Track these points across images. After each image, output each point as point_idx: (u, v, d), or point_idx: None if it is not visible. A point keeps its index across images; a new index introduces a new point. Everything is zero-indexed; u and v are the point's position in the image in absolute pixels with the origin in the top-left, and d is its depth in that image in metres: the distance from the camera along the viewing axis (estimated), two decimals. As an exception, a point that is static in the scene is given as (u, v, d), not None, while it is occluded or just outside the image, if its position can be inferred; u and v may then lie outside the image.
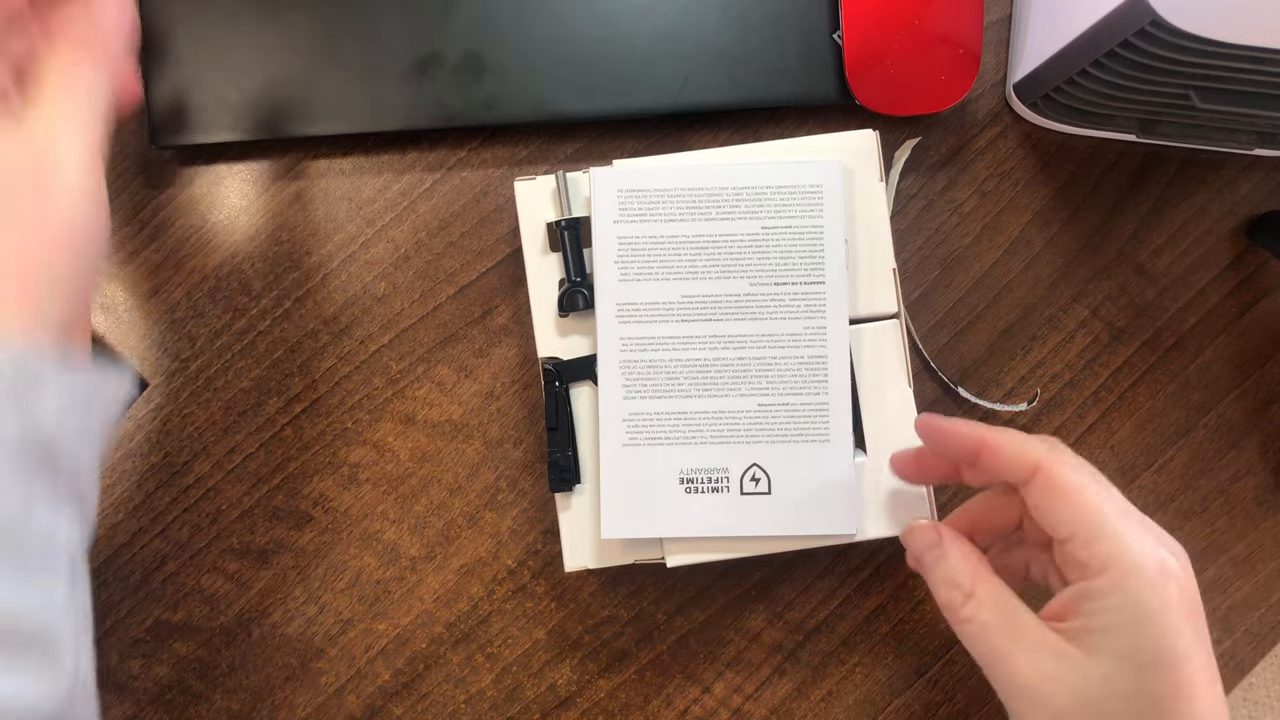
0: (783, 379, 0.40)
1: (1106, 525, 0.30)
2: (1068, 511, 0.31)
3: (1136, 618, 0.29)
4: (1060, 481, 0.31)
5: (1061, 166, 0.46)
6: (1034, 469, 0.32)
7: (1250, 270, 0.46)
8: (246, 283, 0.45)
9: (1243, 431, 0.46)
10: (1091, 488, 0.31)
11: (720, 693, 0.45)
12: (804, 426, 0.40)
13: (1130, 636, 0.29)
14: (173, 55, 0.43)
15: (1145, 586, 0.29)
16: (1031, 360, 0.46)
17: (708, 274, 0.40)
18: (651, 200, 0.40)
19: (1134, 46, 0.36)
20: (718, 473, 0.40)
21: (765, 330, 0.40)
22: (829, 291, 0.40)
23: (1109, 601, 0.30)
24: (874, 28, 0.43)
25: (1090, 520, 0.30)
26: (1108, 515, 0.30)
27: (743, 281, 0.40)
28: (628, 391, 0.40)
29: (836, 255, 0.40)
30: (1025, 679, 0.30)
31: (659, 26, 0.44)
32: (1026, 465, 0.32)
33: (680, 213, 0.40)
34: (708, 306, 0.40)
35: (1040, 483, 0.32)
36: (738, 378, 0.40)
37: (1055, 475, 0.31)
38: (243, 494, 0.44)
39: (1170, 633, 0.29)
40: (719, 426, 0.40)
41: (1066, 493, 0.31)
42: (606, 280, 0.40)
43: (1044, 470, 0.32)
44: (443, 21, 0.44)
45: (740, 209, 0.40)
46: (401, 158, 0.45)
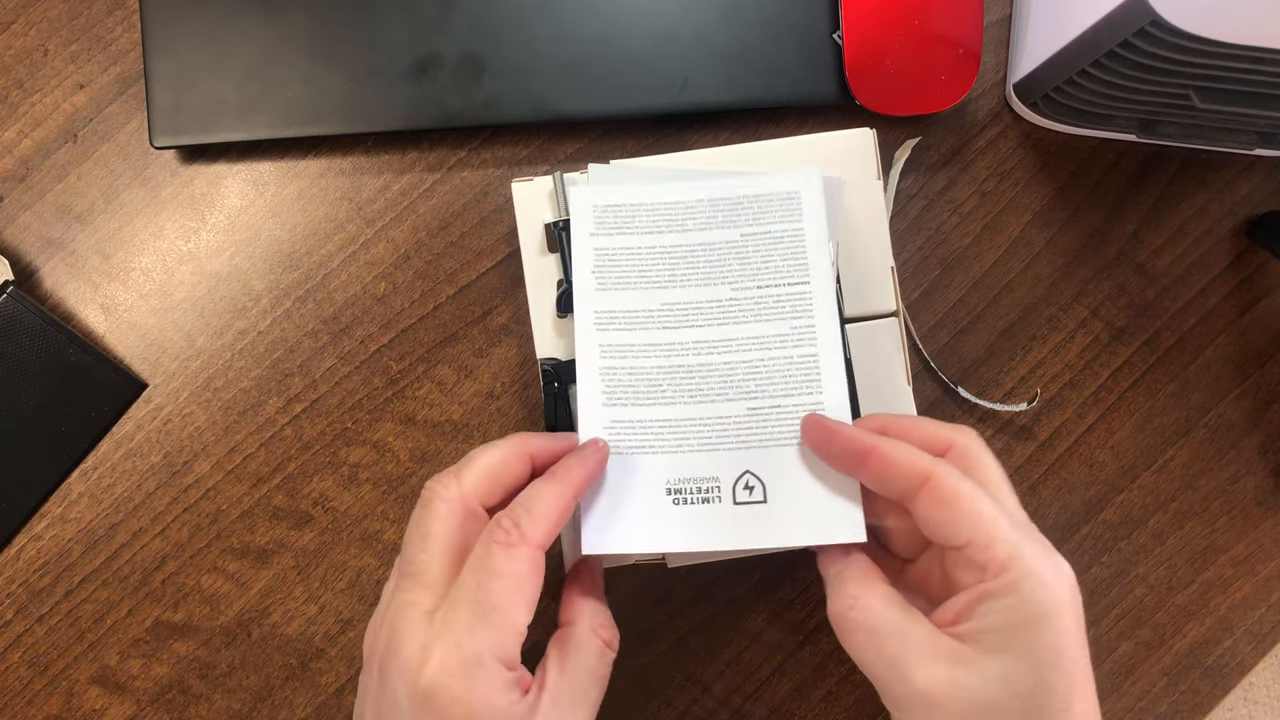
0: (772, 381, 0.38)
1: (1002, 530, 0.30)
2: (960, 519, 0.30)
3: (1035, 616, 0.29)
4: (949, 490, 0.31)
5: (1061, 166, 0.46)
6: (923, 480, 0.31)
7: (1250, 270, 0.46)
8: (246, 283, 0.45)
9: (1243, 431, 0.46)
10: (981, 494, 0.31)
11: (720, 693, 0.45)
12: (799, 429, 0.37)
13: (1029, 635, 0.29)
14: (173, 55, 0.43)
15: (1043, 586, 0.29)
16: (1031, 360, 0.46)
17: (688, 281, 0.39)
18: (627, 214, 0.40)
19: (1134, 46, 0.36)
20: (708, 482, 0.37)
21: (751, 333, 0.39)
22: (815, 292, 0.39)
23: (1008, 600, 0.29)
24: (874, 28, 0.43)
25: (987, 525, 0.30)
26: (1002, 520, 0.30)
27: (724, 287, 0.39)
28: (608, 399, 0.38)
29: (821, 256, 0.39)
30: (920, 685, 0.30)
31: (659, 26, 0.44)
32: (915, 476, 0.31)
33: (657, 225, 0.40)
34: (689, 313, 0.39)
35: (929, 494, 0.31)
36: (725, 382, 0.38)
37: (944, 484, 0.31)
38: (243, 494, 0.44)
39: (1067, 630, 0.29)
40: (707, 433, 0.38)
41: (958, 500, 0.30)
42: (584, 289, 0.39)
43: (933, 481, 0.31)
44: (443, 22, 0.44)
45: (718, 219, 0.40)
46: (401, 158, 0.45)
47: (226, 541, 0.44)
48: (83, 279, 0.45)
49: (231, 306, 0.45)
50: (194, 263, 0.45)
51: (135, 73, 0.45)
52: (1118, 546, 0.46)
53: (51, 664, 0.44)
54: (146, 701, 0.44)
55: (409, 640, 0.31)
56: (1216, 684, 0.46)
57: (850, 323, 0.41)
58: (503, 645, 0.31)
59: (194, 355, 0.45)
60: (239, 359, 0.45)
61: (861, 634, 0.31)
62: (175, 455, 0.44)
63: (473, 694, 0.30)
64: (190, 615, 0.44)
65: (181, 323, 0.45)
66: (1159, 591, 0.46)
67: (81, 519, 0.44)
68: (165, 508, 0.44)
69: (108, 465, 0.44)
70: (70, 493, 0.44)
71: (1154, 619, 0.46)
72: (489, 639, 0.30)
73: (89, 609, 0.44)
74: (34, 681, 0.44)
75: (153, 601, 0.44)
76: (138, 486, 0.44)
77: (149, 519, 0.44)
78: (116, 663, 0.44)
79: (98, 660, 0.44)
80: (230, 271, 0.45)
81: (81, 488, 0.44)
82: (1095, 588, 0.46)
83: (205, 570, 0.44)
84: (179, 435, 0.44)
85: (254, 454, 0.44)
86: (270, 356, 0.45)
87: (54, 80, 0.45)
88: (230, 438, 0.45)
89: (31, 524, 0.44)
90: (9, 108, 0.45)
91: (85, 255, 0.45)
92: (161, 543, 0.44)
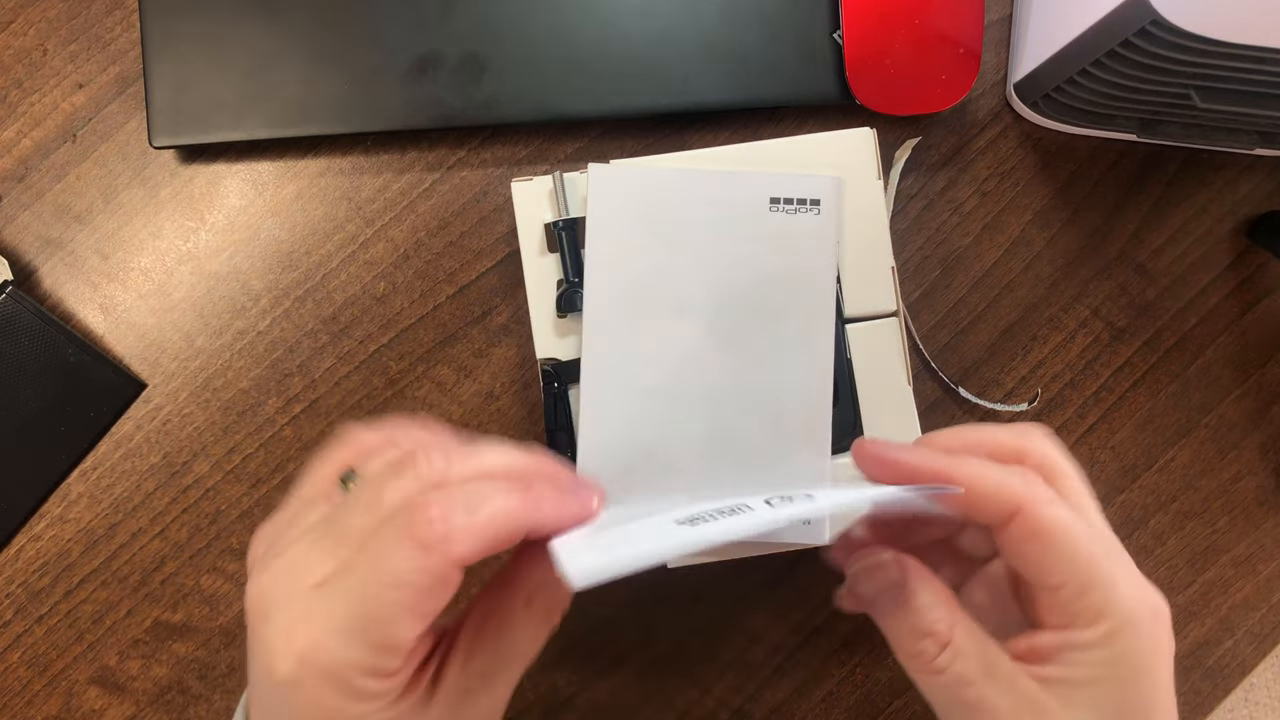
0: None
1: (1101, 572, 0.27)
2: (1059, 560, 0.27)
3: (1127, 674, 0.27)
4: (1048, 526, 0.27)
5: (1062, 166, 0.46)
6: (1013, 511, 0.28)
7: (1251, 270, 0.46)
8: (245, 282, 0.45)
9: (1243, 431, 0.46)
10: (1078, 527, 0.28)
11: (720, 693, 0.45)
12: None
13: (1118, 693, 0.27)
14: (173, 55, 0.43)
15: (1139, 637, 0.27)
16: (1032, 360, 0.46)
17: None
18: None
19: (1134, 46, 0.36)
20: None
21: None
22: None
23: (1099, 654, 0.27)
24: (874, 27, 0.43)
25: (1085, 568, 0.27)
26: (1100, 560, 0.27)
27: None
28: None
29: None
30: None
31: (659, 26, 0.44)
32: (1004, 508, 0.28)
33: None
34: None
35: (1023, 527, 0.28)
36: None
37: (1041, 518, 0.27)
38: (242, 494, 0.44)
39: (1158, 686, 0.27)
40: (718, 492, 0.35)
41: (1055, 538, 0.27)
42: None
43: (1026, 513, 0.27)
44: (443, 21, 0.44)
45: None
46: (401, 157, 0.45)
47: (226, 542, 0.44)
48: (82, 279, 0.45)
49: (231, 306, 0.45)
50: (193, 263, 0.45)
51: (134, 72, 0.45)
52: (1118, 547, 0.46)
53: (51, 664, 0.44)
54: (146, 702, 0.44)
55: (280, 613, 0.26)
56: (1217, 685, 0.46)
57: (850, 323, 0.41)
58: (377, 665, 0.25)
59: (193, 355, 0.45)
60: (238, 359, 0.45)
61: (947, 677, 0.28)
62: (174, 455, 0.44)
63: (331, 704, 0.25)
64: (190, 616, 0.44)
65: (181, 323, 0.45)
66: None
67: (81, 519, 0.44)
68: (164, 508, 0.44)
69: (107, 465, 0.44)
70: (69, 493, 0.44)
71: (1155, 619, 0.46)
72: (359, 655, 0.25)
73: (88, 609, 0.44)
74: (33, 682, 0.44)
75: (152, 602, 0.44)
76: (137, 487, 0.44)
77: (148, 519, 0.44)
78: (116, 663, 0.44)
79: (97, 661, 0.44)
80: (229, 271, 0.45)
81: (81, 488, 0.44)
82: (1096, 588, 0.46)
83: (205, 571, 0.44)
84: (178, 435, 0.44)
85: (253, 454, 0.44)
86: (269, 357, 0.45)
87: (53, 80, 0.45)
88: (230, 438, 0.44)
89: (31, 524, 0.44)
90: (8, 107, 0.45)
91: (84, 255, 0.45)
92: (161, 543, 0.44)
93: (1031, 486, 0.28)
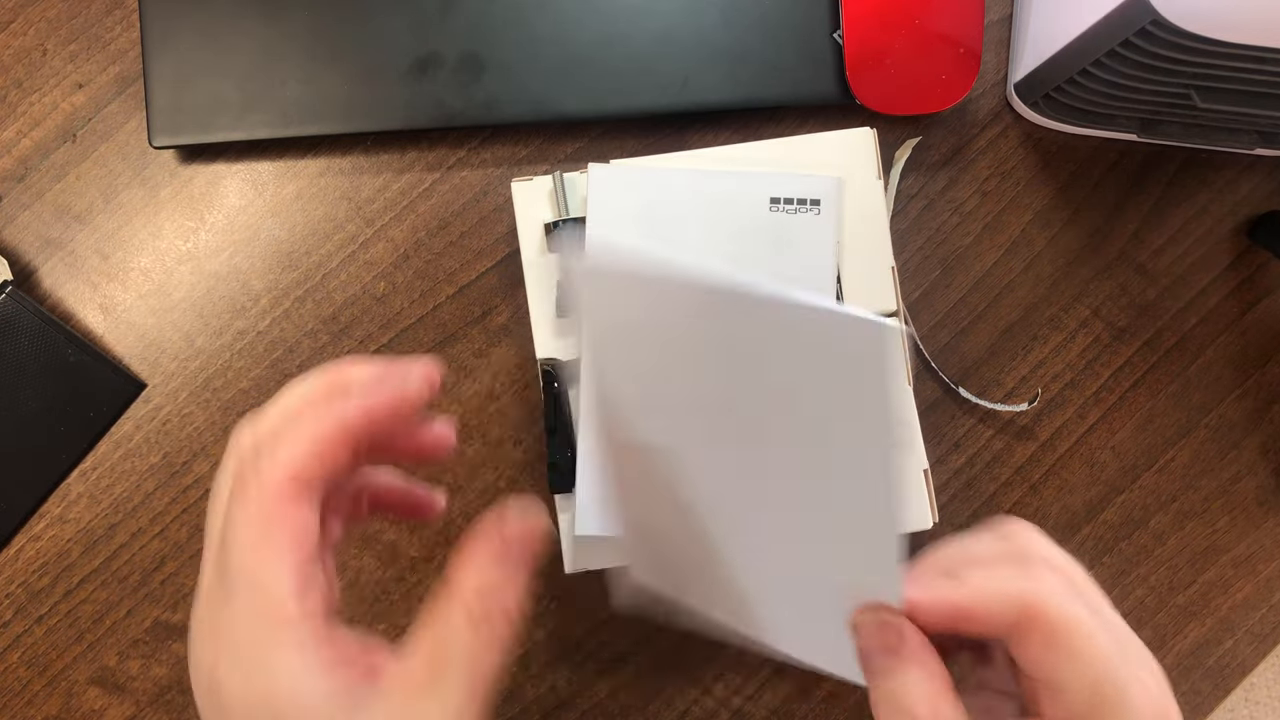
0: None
1: (1116, 682, 0.25)
2: (1073, 666, 0.25)
3: None
4: (1063, 632, 0.25)
5: (1062, 166, 0.46)
6: (1020, 613, 0.26)
7: (1251, 270, 0.46)
8: (245, 282, 0.45)
9: (1244, 431, 0.46)
10: (1096, 631, 0.26)
11: (720, 693, 0.45)
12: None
13: None
14: (173, 55, 0.43)
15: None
16: (1033, 360, 0.46)
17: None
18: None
19: (1135, 46, 0.36)
20: None
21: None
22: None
23: None
24: (874, 27, 0.43)
25: (1099, 676, 0.25)
26: (1118, 670, 0.25)
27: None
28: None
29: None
30: None
31: (659, 26, 0.44)
32: (1011, 614, 0.26)
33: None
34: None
35: (1035, 633, 0.26)
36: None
37: (1055, 623, 0.25)
38: (242, 494, 0.44)
39: None
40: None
41: (1071, 643, 0.25)
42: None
43: (1038, 615, 0.26)
44: (442, 21, 0.44)
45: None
46: (401, 157, 0.45)
47: (226, 542, 0.44)
48: (81, 279, 0.45)
49: (230, 306, 0.45)
50: (193, 262, 0.45)
51: (134, 72, 0.45)
52: (1119, 547, 0.46)
53: (51, 664, 0.44)
54: (146, 702, 0.44)
55: (193, 621, 0.26)
56: (1218, 685, 0.46)
57: (850, 323, 0.41)
58: (273, 627, 0.24)
59: (193, 355, 0.45)
60: (238, 359, 0.45)
61: None
62: (174, 455, 0.44)
63: (263, 691, 0.24)
64: (189, 616, 0.44)
65: (180, 323, 0.45)
66: (1160, 592, 0.46)
67: (80, 519, 0.44)
68: (164, 508, 0.44)
69: (107, 465, 0.44)
70: (69, 493, 0.44)
71: (1155, 619, 0.46)
72: (251, 624, 0.24)
73: (88, 609, 0.44)
74: (33, 682, 0.44)
75: (152, 602, 0.44)
76: (137, 487, 0.44)
77: (148, 519, 0.44)
78: (116, 663, 0.44)
79: (97, 661, 0.44)
80: (229, 271, 0.45)
81: (80, 488, 0.44)
82: (1096, 588, 0.46)
83: (204, 571, 0.44)
84: (178, 435, 0.44)
85: (253, 454, 0.44)
86: (269, 357, 0.45)
87: (53, 80, 0.45)
88: (229, 438, 0.44)
89: (30, 524, 0.44)
90: (8, 107, 0.45)
91: (84, 255, 0.45)
92: (161, 543, 0.44)
93: (1038, 579, 0.26)
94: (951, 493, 0.45)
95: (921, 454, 0.41)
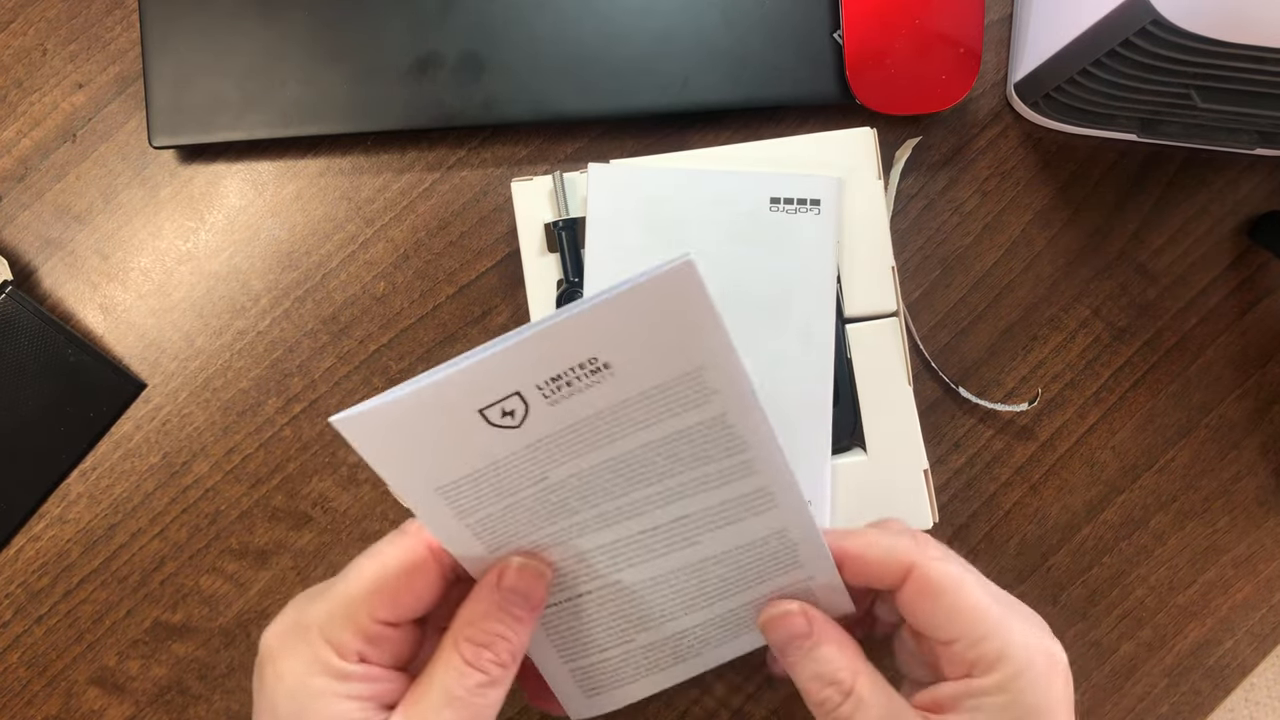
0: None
1: (992, 622, 0.28)
2: (952, 614, 0.29)
3: (1025, 715, 0.28)
4: (938, 582, 0.29)
5: (1062, 166, 0.46)
6: (905, 571, 0.29)
7: (1251, 270, 0.46)
8: (245, 282, 0.45)
9: (1244, 431, 0.46)
10: (969, 581, 0.29)
11: (720, 693, 0.45)
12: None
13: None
14: (172, 55, 0.43)
15: (1035, 682, 0.28)
16: (1033, 360, 0.46)
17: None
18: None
19: (1135, 46, 0.36)
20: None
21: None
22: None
23: (998, 699, 0.28)
24: (874, 27, 0.43)
25: (977, 620, 0.28)
26: (991, 610, 0.29)
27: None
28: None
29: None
30: None
31: (659, 26, 0.44)
32: (897, 568, 0.29)
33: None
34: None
35: (916, 586, 0.29)
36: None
37: (932, 575, 0.29)
38: (241, 494, 0.44)
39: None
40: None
41: (946, 593, 0.29)
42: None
43: (918, 571, 0.29)
44: (442, 21, 0.44)
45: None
46: (401, 157, 0.45)
47: (225, 542, 0.44)
48: (81, 279, 0.45)
49: (230, 306, 0.45)
50: (193, 262, 0.45)
51: (134, 72, 0.45)
52: (1119, 547, 0.46)
53: (50, 665, 0.44)
54: (145, 702, 0.44)
55: (287, 606, 0.30)
56: (1218, 685, 0.46)
57: (850, 323, 0.41)
58: (330, 625, 0.28)
59: (193, 355, 0.45)
60: (238, 359, 0.45)
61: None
62: (174, 456, 0.44)
63: (286, 664, 0.28)
64: (189, 616, 0.44)
65: (180, 323, 0.45)
66: (1160, 592, 0.46)
67: (80, 519, 0.44)
68: (164, 508, 0.44)
69: (106, 466, 0.44)
70: (69, 493, 0.44)
71: (1155, 619, 0.46)
72: (319, 610, 0.28)
73: (88, 610, 0.44)
74: (33, 682, 0.44)
75: (151, 602, 0.44)
76: (136, 487, 0.44)
77: (148, 519, 0.44)
78: (115, 663, 0.44)
79: (96, 661, 0.44)
80: (229, 271, 0.45)
81: (80, 488, 0.44)
82: (1096, 588, 0.46)
83: (204, 571, 0.44)
84: (178, 435, 0.44)
85: (253, 454, 0.44)
86: (269, 356, 0.45)
87: (53, 79, 0.45)
88: (229, 438, 0.44)
89: (30, 524, 0.44)
90: (7, 107, 0.45)
91: (84, 255, 0.45)
92: (160, 543, 0.44)
93: (922, 546, 0.30)
94: (951, 493, 0.45)
95: (921, 454, 0.41)
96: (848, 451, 0.41)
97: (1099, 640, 0.46)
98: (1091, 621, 0.46)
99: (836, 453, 0.41)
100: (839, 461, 0.41)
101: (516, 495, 0.28)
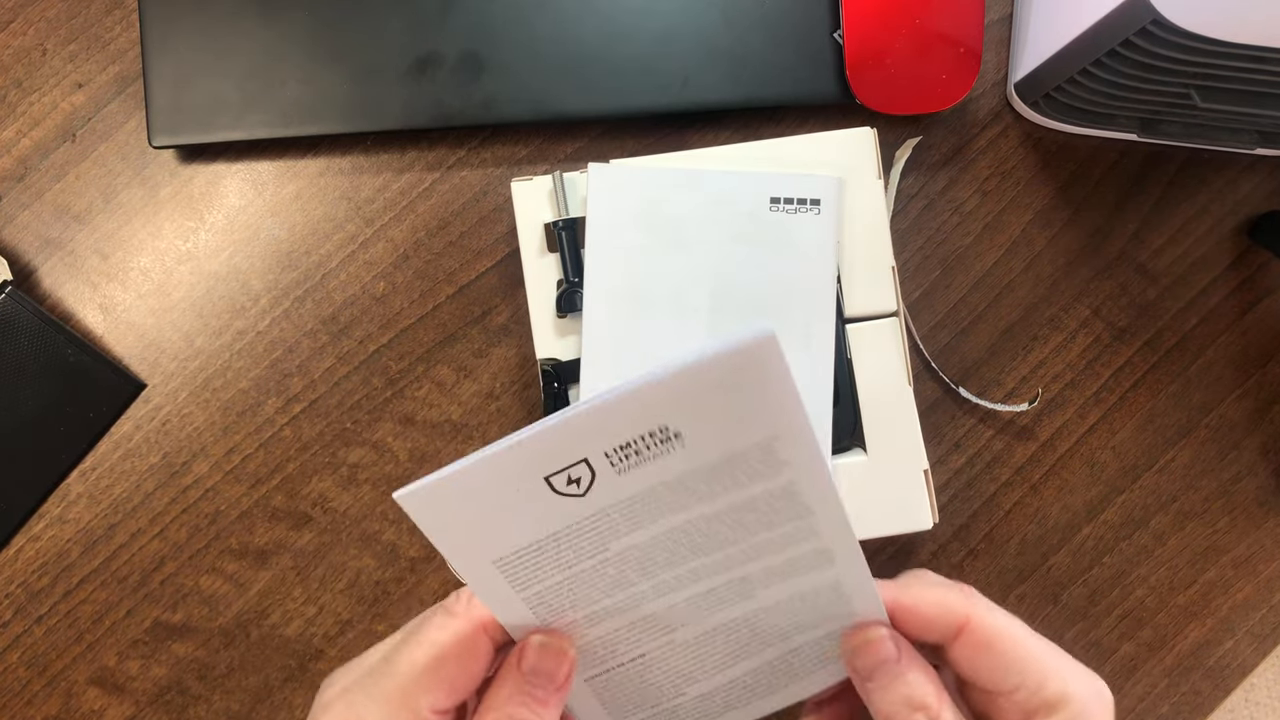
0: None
1: (1052, 667, 0.29)
2: (1013, 663, 0.29)
3: None
4: (997, 635, 0.29)
5: (1063, 166, 0.46)
6: (960, 625, 0.29)
7: (1252, 270, 0.46)
8: (245, 282, 0.45)
9: (1244, 432, 0.46)
10: (1023, 630, 0.30)
11: None
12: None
13: None
14: (172, 55, 0.43)
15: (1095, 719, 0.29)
16: (1033, 360, 0.45)
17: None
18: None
19: (1135, 46, 0.36)
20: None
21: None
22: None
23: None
24: (874, 27, 0.43)
25: (1038, 667, 0.29)
26: (1050, 657, 0.29)
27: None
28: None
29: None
30: None
31: (659, 26, 0.44)
32: (952, 622, 0.29)
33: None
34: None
35: (974, 639, 0.29)
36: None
37: (989, 628, 0.29)
38: (241, 494, 0.44)
39: None
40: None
41: (1005, 644, 0.29)
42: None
43: (975, 623, 0.29)
44: (442, 21, 0.44)
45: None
46: (400, 157, 0.45)
47: (225, 542, 0.44)
48: (81, 279, 0.45)
49: (230, 306, 0.45)
50: (193, 262, 0.45)
51: (134, 72, 0.45)
52: (1119, 547, 0.46)
53: (50, 665, 0.44)
54: (145, 702, 0.44)
55: (333, 678, 0.30)
56: (1218, 685, 0.46)
57: (850, 323, 0.41)
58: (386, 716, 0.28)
59: (192, 355, 0.45)
60: (238, 359, 0.45)
61: None
62: (174, 456, 0.44)
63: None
64: (189, 616, 0.44)
65: (180, 323, 0.45)
66: (1160, 592, 0.46)
67: (80, 519, 0.44)
68: (164, 508, 0.44)
69: (106, 466, 0.44)
70: (69, 493, 0.44)
71: (1155, 620, 0.46)
72: (371, 707, 0.28)
73: (88, 610, 0.44)
74: (33, 682, 0.44)
75: (151, 602, 0.44)
76: (136, 487, 0.44)
77: (147, 519, 0.44)
78: (115, 663, 0.44)
79: (96, 661, 0.44)
80: (229, 271, 0.45)
81: (80, 488, 0.44)
82: (1097, 589, 0.46)
83: (204, 571, 0.44)
84: (177, 436, 0.44)
85: (253, 454, 0.44)
86: (269, 356, 0.45)
87: (52, 79, 0.45)
88: (229, 438, 0.44)
89: (30, 524, 0.44)
90: (7, 107, 0.45)
91: (84, 255, 0.45)
92: (160, 543, 0.44)
93: (972, 599, 0.30)
94: (952, 493, 0.45)
95: (922, 454, 0.41)
96: (848, 452, 0.41)
97: (1099, 640, 0.46)
98: (1092, 621, 0.46)
99: (836, 453, 0.41)
100: (839, 462, 0.41)
101: (575, 568, 0.27)
